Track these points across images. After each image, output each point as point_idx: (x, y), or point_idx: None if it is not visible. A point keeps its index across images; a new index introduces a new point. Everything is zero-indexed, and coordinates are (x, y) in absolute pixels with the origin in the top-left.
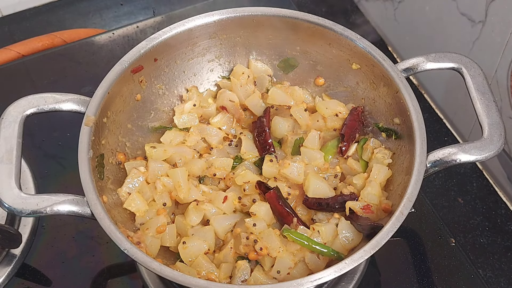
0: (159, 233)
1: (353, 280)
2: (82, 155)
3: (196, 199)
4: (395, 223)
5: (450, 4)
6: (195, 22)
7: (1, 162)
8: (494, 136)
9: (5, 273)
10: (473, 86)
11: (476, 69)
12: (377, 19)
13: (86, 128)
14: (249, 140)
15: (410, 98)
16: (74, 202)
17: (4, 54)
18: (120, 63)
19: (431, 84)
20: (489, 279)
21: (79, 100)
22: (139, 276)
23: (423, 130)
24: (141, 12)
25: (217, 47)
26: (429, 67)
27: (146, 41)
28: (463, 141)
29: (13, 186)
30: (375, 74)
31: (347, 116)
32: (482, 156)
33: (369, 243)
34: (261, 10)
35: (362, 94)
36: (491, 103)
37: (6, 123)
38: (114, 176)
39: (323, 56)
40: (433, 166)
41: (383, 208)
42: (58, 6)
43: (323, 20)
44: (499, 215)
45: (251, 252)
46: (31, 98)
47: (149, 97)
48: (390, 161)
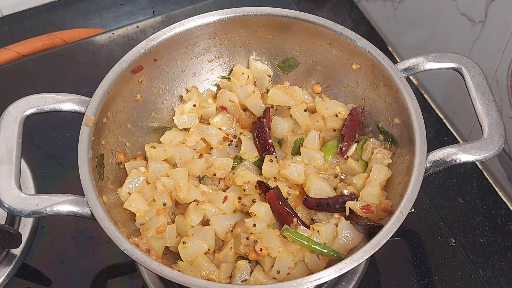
0: (159, 233)
1: (353, 280)
2: (82, 155)
3: (196, 199)
4: (395, 223)
5: (450, 4)
6: (195, 22)
7: (1, 162)
8: (494, 136)
9: (5, 273)
10: (473, 86)
11: (476, 69)
12: (377, 19)
13: (86, 128)
14: (249, 140)
15: (410, 98)
16: (74, 202)
17: (4, 54)
18: (120, 63)
19: (431, 84)
20: (489, 279)
21: (79, 100)
22: (139, 276)
23: (423, 130)
24: (141, 12)
25: (217, 47)
26: (429, 67)
27: (146, 41)
28: (463, 141)
29: (13, 186)
30: (375, 74)
31: (347, 116)
32: (482, 156)
33: (369, 243)
34: (261, 10)
35: (362, 94)
36: (491, 103)
37: (6, 123)
38: (114, 176)
39: (323, 56)
40: (433, 166)
41: (383, 208)
42: (58, 6)
43: (323, 20)
44: (499, 215)
45: (251, 252)
46: (31, 98)
47: (149, 97)
48: (390, 161)
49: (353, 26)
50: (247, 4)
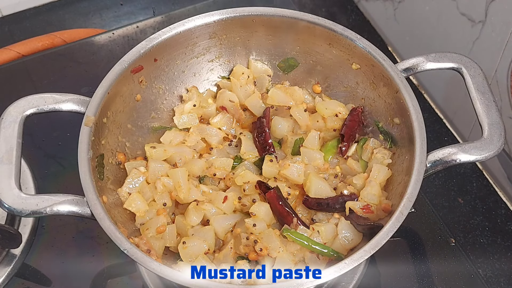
0: (159, 233)
1: (353, 280)
2: (82, 155)
3: (196, 199)
4: (395, 223)
5: (450, 4)
6: (195, 22)
7: (1, 163)
8: (494, 136)
9: (5, 273)
10: (473, 86)
11: (476, 69)
12: (377, 19)
13: (86, 128)
14: (249, 140)
15: (410, 98)
16: (74, 202)
17: (4, 54)
18: (120, 63)
19: (431, 84)
20: (489, 279)
21: (79, 100)
22: (139, 276)
23: (423, 130)
24: (141, 12)
25: (217, 47)
26: (429, 67)
27: (146, 41)
28: (463, 141)
29: (13, 186)
30: (375, 74)
31: (347, 116)
32: (482, 156)
33: (368, 243)
34: (261, 10)
35: (362, 94)
36: (491, 103)
37: (6, 123)
38: (114, 176)
39: (323, 56)
40: (433, 166)
41: (383, 208)
42: (58, 6)
43: (323, 20)
44: (499, 215)
45: (251, 252)
46: (30, 99)
47: (149, 97)
48: (390, 161)
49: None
50: (246, 4)
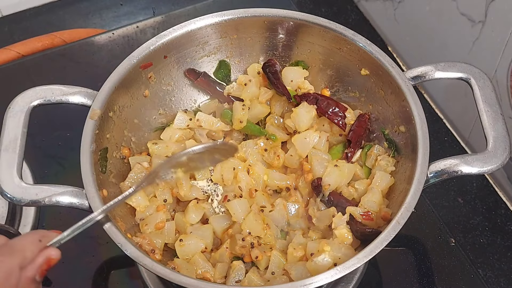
0: (158, 229)
1: (353, 280)
2: (85, 147)
3: (196, 197)
4: (390, 232)
5: (450, 4)
6: (205, 21)
7: (6, 151)
8: (498, 150)
9: None
10: (481, 98)
11: (486, 80)
12: (377, 19)
13: (91, 121)
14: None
15: (416, 107)
16: (73, 194)
17: (4, 54)
18: (129, 58)
19: (431, 84)
20: (489, 279)
21: (86, 93)
22: (139, 276)
23: (426, 140)
24: (141, 12)
25: (227, 47)
26: (438, 76)
27: (156, 38)
28: (463, 141)
29: (15, 175)
30: (383, 81)
31: (354, 122)
32: (484, 169)
33: (362, 251)
34: (272, 12)
35: (369, 100)
36: (498, 116)
37: (13, 112)
38: (117, 170)
39: (333, 61)
40: (434, 177)
41: (382, 216)
42: (58, 6)
43: (334, 24)
44: (499, 215)
45: (246, 254)
46: (39, 89)
47: (158, 93)
48: (393, 168)
49: (352, 26)
50: (247, 5)
